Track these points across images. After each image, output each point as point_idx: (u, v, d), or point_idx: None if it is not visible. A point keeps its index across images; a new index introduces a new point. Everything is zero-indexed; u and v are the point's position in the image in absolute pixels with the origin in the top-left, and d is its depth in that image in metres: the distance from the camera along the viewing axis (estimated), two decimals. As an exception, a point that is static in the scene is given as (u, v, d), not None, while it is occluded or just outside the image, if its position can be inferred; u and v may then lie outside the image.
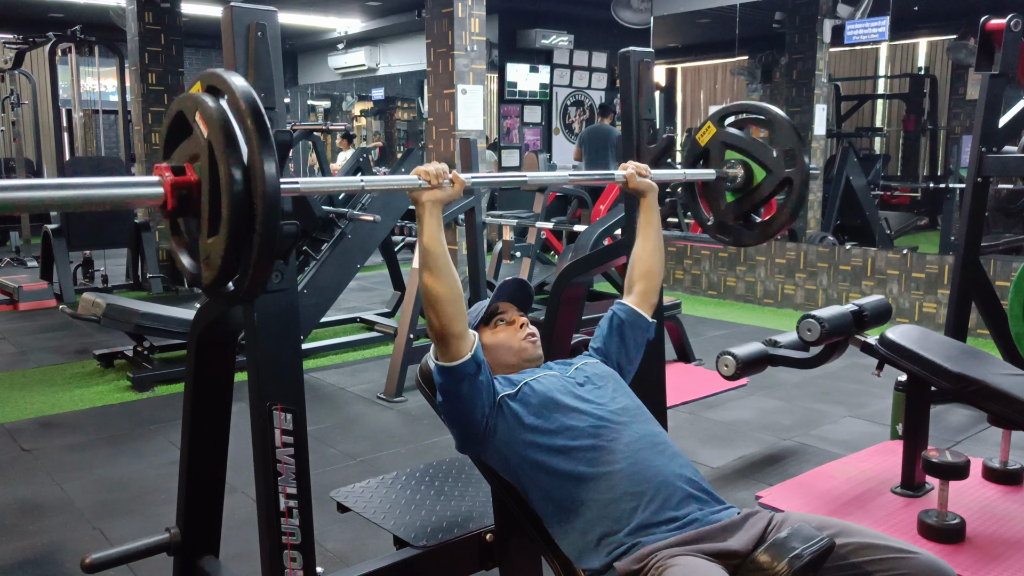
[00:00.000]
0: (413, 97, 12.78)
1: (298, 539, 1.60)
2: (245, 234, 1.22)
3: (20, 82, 9.21)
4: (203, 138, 1.24)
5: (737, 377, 2.89)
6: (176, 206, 1.26)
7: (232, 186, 1.20)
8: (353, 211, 4.92)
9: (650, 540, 1.48)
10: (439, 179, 1.58)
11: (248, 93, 1.26)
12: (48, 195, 1.16)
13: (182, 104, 1.32)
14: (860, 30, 6.97)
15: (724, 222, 2.28)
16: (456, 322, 1.57)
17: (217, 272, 1.24)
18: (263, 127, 1.23)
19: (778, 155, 2.15)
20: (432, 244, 1.56)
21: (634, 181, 1.97)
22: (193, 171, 1.27)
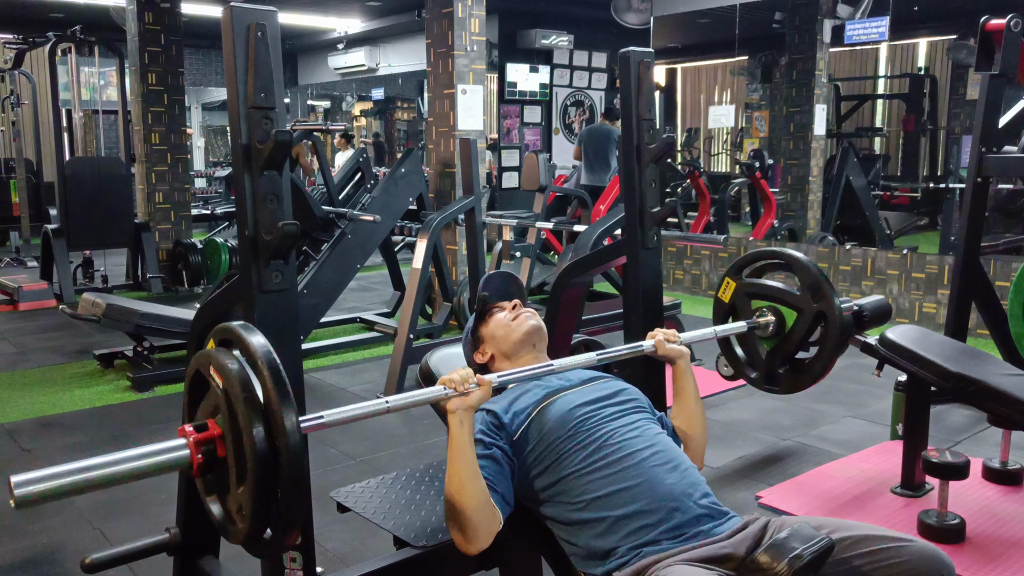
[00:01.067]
0: (413, 97, 12.79)
1: (298, 539, 1.60)
2: (272, 479, 1.20)
3: (20, 82, 9.21)
4: (219, 389, 1.25)
5: (737, 377, 2.88)
6: (203, 462, 1.26)
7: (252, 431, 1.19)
8: (353, 211, 4.92)
9: (651, 551, 1.48)
10: (465, 385, 1.50)
11: (263, 345, 1.26)
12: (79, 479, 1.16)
13: (197, 363, 1.33)
14: (860, 30, 6.97)
15: (769, 373, 2.25)
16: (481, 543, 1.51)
17: (250, 523, 1.22)
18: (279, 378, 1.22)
19: (803, 293, 2.14)
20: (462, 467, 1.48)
21: (663, 348, 1.88)
22: (215, 425, 1.27)
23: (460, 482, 1.48)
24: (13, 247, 8.74)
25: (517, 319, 1.83)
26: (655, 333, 1.90)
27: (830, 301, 2.09)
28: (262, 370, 1.23)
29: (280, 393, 1.21)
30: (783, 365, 2.22)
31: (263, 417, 1.21)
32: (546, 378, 1.75)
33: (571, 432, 1.62)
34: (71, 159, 7.37)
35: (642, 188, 2.28)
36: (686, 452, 1.84)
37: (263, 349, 1.25)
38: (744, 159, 9.25)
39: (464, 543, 1.51)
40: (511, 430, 1.64)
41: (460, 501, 1.48)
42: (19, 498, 1.10)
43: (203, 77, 13.88)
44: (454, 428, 1.50)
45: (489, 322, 1.85)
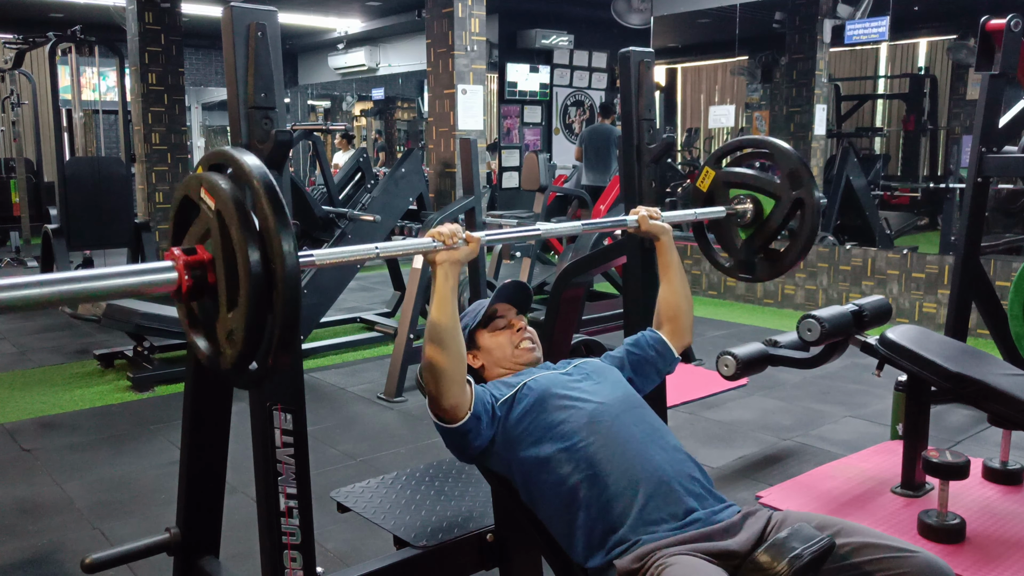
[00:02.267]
0: (413, 97, 12.79)
1: (298, 539, 1.60)
2: (265, 305, 1.17)
3: (20, 82, 9.21)
4: (211, 211, 1.20)
5: (737, 377, 2.89)
6: (192, 286, 1.21)
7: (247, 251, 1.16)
8: (353, 211, 4.92)
9: (650, 538, 1.48)
10: (453, 239, 1.55)
11: (258, 166, 1.21)
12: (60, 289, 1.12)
13: (186, 186, 1.28)
14: (860, 30, 6.97)
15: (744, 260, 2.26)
16: (453, 394, 1.55)
17: (241, 347, 1.19)
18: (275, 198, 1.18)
19: (782, 180, 2.14)
20: (441, 316, 1.53)
21: (646, 224, 1.94)
22: (205, 250, 1.23)
23: (440, 333, 1.53)
24: (13, 247, 8.75)
25: (520, 347, 1.82)
26: (638, 209, 1.97)
27: (808, 188, 2.09)
28: (258, 191, 1.17)
29: (277, 214, 1.16)
30: (759, 253, 2.23)
31: (258, 239, 1.17)
32: (528, 368, 1.80)
33: (557, 407, 1.64)
34: (71, 159, 7.38)
35: (642, 188, 2.28)
36: (676, 329, 1.92)
37: (259, 170, 1.20)
38: (744, 159, 9.23)
39: (436, 393, 1.55)
40: (496, 396, 1.68)
41: (439, 351, 1.53)
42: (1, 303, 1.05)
43: (203, 77, 13.88)
44: (439, 280, 1.55)
45: (493, 335, 1.84)
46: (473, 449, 1.64)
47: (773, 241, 2.20)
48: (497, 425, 1.65)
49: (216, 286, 1.22)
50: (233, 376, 1.27)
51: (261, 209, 1.17)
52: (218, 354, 1.25)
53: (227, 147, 1.28)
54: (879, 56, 10.96)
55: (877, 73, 11.09)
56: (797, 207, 2.13)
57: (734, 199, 2.22)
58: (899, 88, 10.88)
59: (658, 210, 1.98)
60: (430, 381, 1.55)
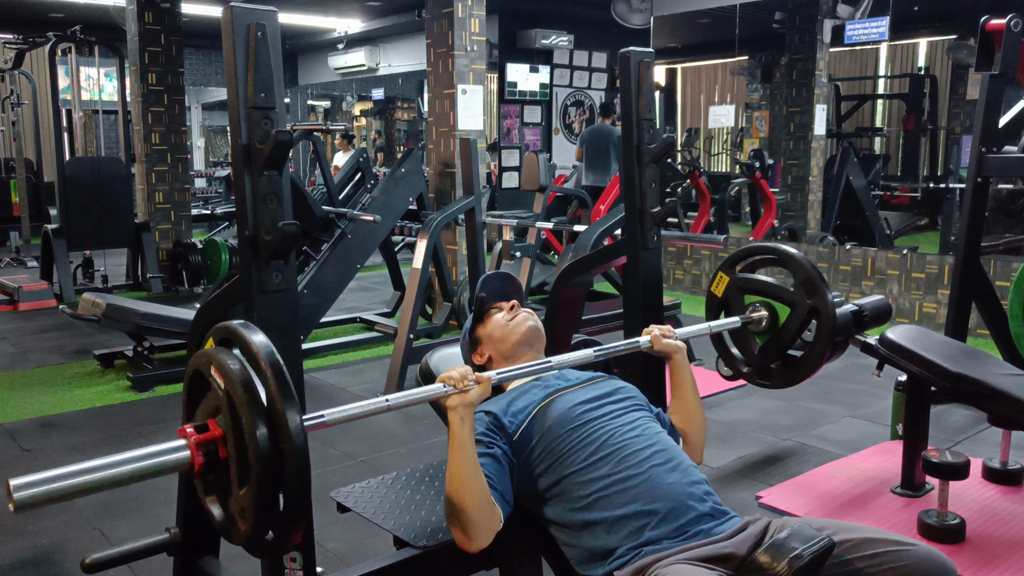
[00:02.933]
0: (413, 97, 12.79)
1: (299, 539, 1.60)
2: (275, 480, 1.19)
3: (20, 82, 9.21)
4: (220, 390, 1.23)
5: (737, 377, 2.88)
6: (204, 464, 1.24)
7: (256, 433, 1.18)
8: (353, 211, 4.92)
9: (652, 551, 1.48)
10: (464, 382, 1.49)
11: (265, 344, 1.24)
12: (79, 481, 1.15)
13: (197, 362, 1.30)
14: (860, 30, 6.97)
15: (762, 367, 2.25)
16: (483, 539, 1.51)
17: (252, 524, 1.21)
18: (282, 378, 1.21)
19: (796, 288, 2.13)
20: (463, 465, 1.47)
21: (659, 343, 1.88)
22: (216, 425, 1.25)
23: (461, 480, 1.48)
24: (13, 247, 8.74)
25: (515, 320, 1.83)
26: (651, 329, 1.91)
27: (823, 297, 2.09)
28: (264, 370, 1.21)
29: (283, 394, 1.20)
30: (776, 360, 2.22)
31: (266, 418, 1.19)
32: (544, 379, 1.76)
33: (571, 430, 1.62)
34: (71, 159, 7.38)
35: (642, 188, 2.28)
36: (685, 447, 1.86)
37: (265, 349, 1.23)
38: (744, 159, 9.25)
39: (465, 541, 1.51)
40: (510, 430, 1.64)
41: (461, 499, 1.48)
42: (18, 501, 1.09)
43: (203, 77, 13.88)
44: (455, 425, 1.49)
45: (487, 323, 1.85)
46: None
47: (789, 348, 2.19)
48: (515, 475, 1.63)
49: (228, 461, 1.24)
50: (249, 548, 1.29)
51: (268, 388, 1.20)
52: (233, 526, 1.27)
53: (235, 323, 1.31)
54: (879, 56, 10.95)
55: (877, 73, 11.09)
56: (812, 315, 2.12)
57: (749, 306, 2.22)
58: (899, 88, 10.87)
59: (671, 328, 1.92)
60: (460, 535, 1.50)
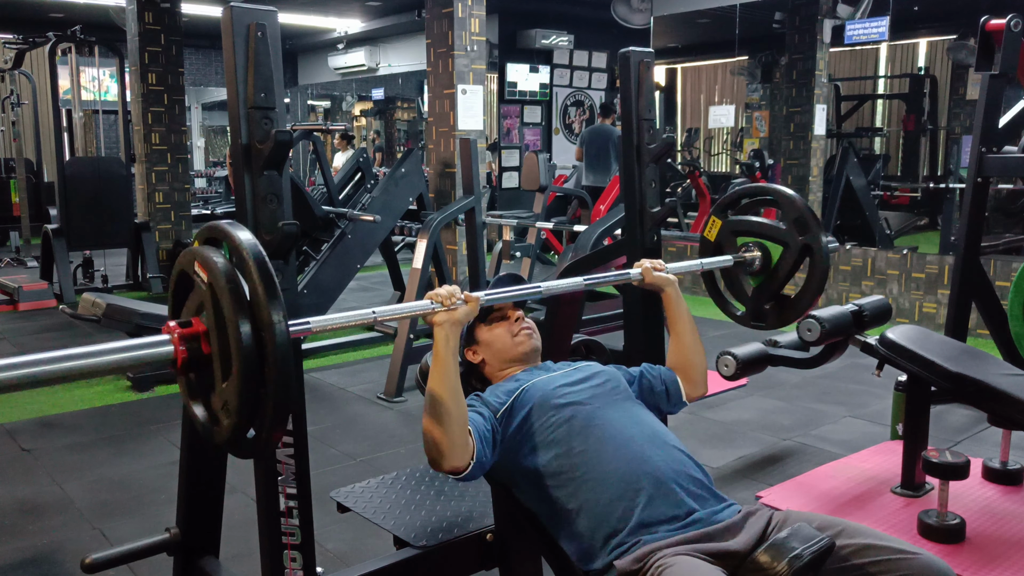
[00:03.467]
0: (413, 97, 12.79)
1: (298, 539, 1.61)
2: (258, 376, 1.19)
3: (20, 82, 9.21)
4: (203, 284, 1.22)
5: (737, 377, 2.89)
6: (187, 358, 1.23)
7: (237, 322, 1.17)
8: (353, 211, 4.92)
9: (651, 539, 1.48)
10: (452, 300, 1.51)
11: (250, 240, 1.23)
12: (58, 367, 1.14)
13: (182, 261, 1.30)
14: (860, 30, 6.97)
15: (756, 309, 2.25)
16: (455, 458, 1.51)
17: (236, 418, 1.20)
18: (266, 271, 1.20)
19: (789, 227, 2.13)
20: (444, 382, 1.49)
21: (650, 276, 1.90)
22: (200, 322, 1.25)
23: (440, 396, 1.49)
24: (13, 247, 8.75)
25: (518, 336, 1.83)
26: (642, 262, 1.93)
27: (816, 233, 2.09)
28: (249, 265, 1.20)
29: (266, 287, 1.19)
30: (769, 301, 2.22)
31: (249, 311, 1.19)
32: (528, 370, 1.80)
33: (554, 410, 1.64)
34: (71, 159, 7.38)
35: (642, 188, 2.28)
36: (685, 384, 1.89)
37: (250, 244, 1.22)
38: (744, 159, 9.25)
39: (438, 458, 1.51)
40: (495, 406, 1.67)
41: (439, 415, 1.49)
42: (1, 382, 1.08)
43: (203, 77, 13.88)
44: (439, 342, 1.51)
45: (491, 328, 1.84)
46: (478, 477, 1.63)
47: (783, 288, 2.19)
48: (498, 444, 1.64)
49: (211, 357, 1.24)
50: (231, 446, 1.28)
51: (252, 282, 1.19)
52: (215, 424, 1.26)
53: (221, 222, 1.30)
54: (879, 56, 10.95)
55: (877, 73, 11.09)
56: (805, 253, 2.12)
57: (742, 247, 2.21)
58: (899, 88, 10.87)
59: (662, 262, 1.94)
60: (431, 447, 1.51)
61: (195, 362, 1.25)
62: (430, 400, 1.50)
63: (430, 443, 1.51)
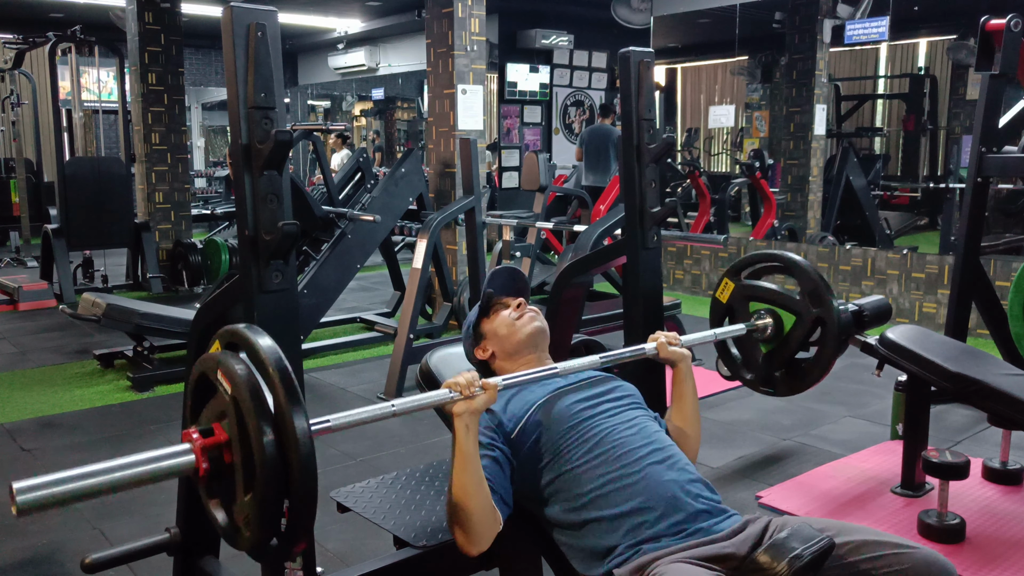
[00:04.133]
0: (413, 97, 12.79)
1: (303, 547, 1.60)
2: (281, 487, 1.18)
3: (20, 82, 9.21)
4: (227, 395, 1.22)
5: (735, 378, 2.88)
6: (209, 469, 1.23)
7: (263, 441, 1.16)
8: (353, 211, 4.92)
9: (652, 548, 1.48)
10: (471, 389, 1.49)
11: (272, 349, 1.23)
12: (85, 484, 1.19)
13: (203, 366, 1.29)
14: (860, 30, 6.97)
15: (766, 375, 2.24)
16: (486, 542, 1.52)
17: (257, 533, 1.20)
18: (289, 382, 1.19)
19: (802, 297, 2.13)
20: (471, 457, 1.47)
21: (665, 351, 1.88)
22: (222, 430, 1.24)
23: (464, 487, 1.48)
24: (13, 247, 8.75)
25: (522, 319, 1.82)
26: (657, 336, 1.90)
27: (829, 307, 2.08)
28: (272, 376, 1.20)
29: (291, 400, 1.18)
30: (780, 368, 2.22)
31: (273, 425, 1.18)
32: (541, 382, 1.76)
33: (569, 428, 1.63)
34: (71, 159, 7.38)
35: (642, 188, 2.28)
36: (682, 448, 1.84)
37: (273, 354, 1.22)
38: (744, 159, 9.25)
39: (467, 544, 1.51)
40: (508, 428, 1.65)
41: (465, 505, 1.48)
42: (21, 505, 1.09)
43: (203, 77, 13.88)
44: (460, 433, 1.48)
45: (493, 319, 1.84)
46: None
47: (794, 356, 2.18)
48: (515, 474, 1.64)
49: (233, 467, 1.23)
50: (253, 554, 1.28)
51: (276, 396, 1.19)
52: (236, 533, 1.26)
53: (242, 327, 1.29)
54: (879, 56, 10.95)
55: (877, 73, 11.09)
56: (817, 324, 2.11)
57: (754, 314, 2.21)
58: (899, 88, 10.87)
59: (676, 335, 1.91)
60: (461, 540, 1.51)
61: (217, 472, 1.24)
62: (456, 491, 1.48)
63: (460, 536, 1.51)
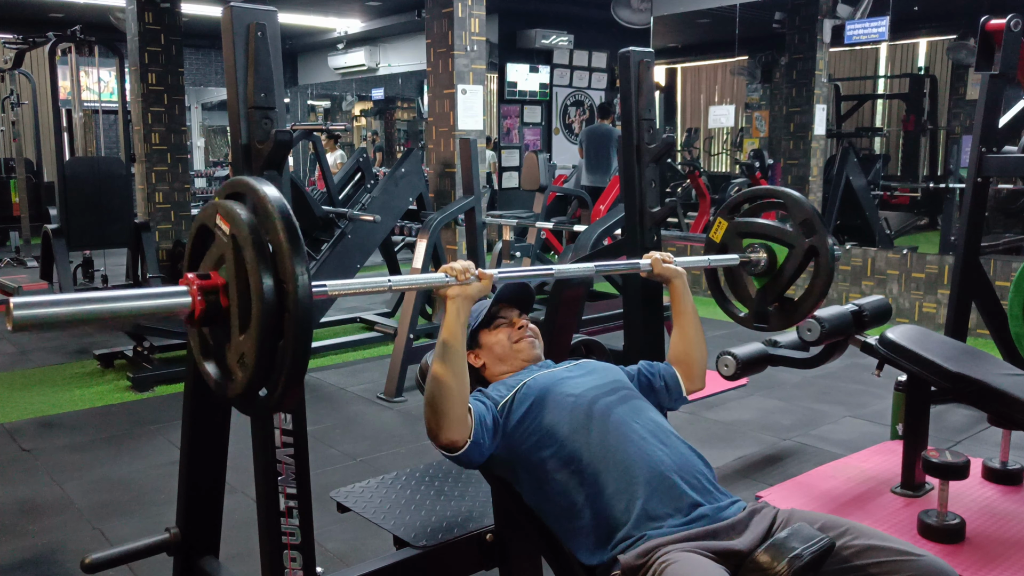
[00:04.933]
0: (413, 97, 12.79)
1: (298, 539, 1.60)
2: (276, 330, 1.17)
3: (20, 82, 9.20)
4: (226, 236, 1.21)
5: (737, 377, 2.89)
6: (204, 310, 1.22)
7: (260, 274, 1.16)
8: (353, 211, 4.92)
9: (656, 533, 1.48)
10: (466, 275, 1.55)
11: (276, 195, 1.22)
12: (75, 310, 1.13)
13: (203, 215, 1.29)
14: (860, 30, 6.97)
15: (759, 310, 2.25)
16: (452, 432, 1.54)
17: (252, 371, 1.19)
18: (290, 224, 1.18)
19: (795, 229, 2.14)
20: (456, 340, 1.54)
21: (659, 268, 1.93)
22: (219, 275, 1.24)
23: (445, 369, 1.53)
24: (13, 247, 8.75)
25: (520, 343, 1.83)
26: (652, 254, 1.96)
27: (821, 236, 2.10)
28: (273, 217, 1.19)
29: (291, 242, 1.17)
30: (773, 303, 2.23)
31: (272, 266, 1.18)
32: (529, 368, 1.81)
33: (558, 404, 1.64)
34: (71, 159, 7.37)
35: (642, 188, 2.28)
36: (687, 375, 1.91)
37: (276, 199, 1.21)
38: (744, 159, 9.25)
39: (436, 428, 1.54)
40: (496, 399, 1.68)
41: (442, 387, 1.52)
42: (17, 320, 1.06)
43: (203, 77, 13.88)
44: (450, 315, 1.55)
45: (494, 333, 1.84)
46: (476, 464, 1.64)
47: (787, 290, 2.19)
48: (499, 433, 1.65)
49: (229, 310, 1.22)
50: (242, 402, 1.27)
51: (275, 235, 1.18)
52: (228, 379, 1.25)
53: (245, 176, 1.29)
54: (879, 56, 10.95)
55: (877, 73, 11.09)
56: (811, 255, 2.12)
57: (747, 248, 2.22)
58: (899, 88, 10.87)
59: (671, 255, 1.96)
60: (430, 418, 1.54)
61: (212, 315, 1.23)
62: (434, 371, 1.53)
63: (429, 414, 1.54)
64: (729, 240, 2.27)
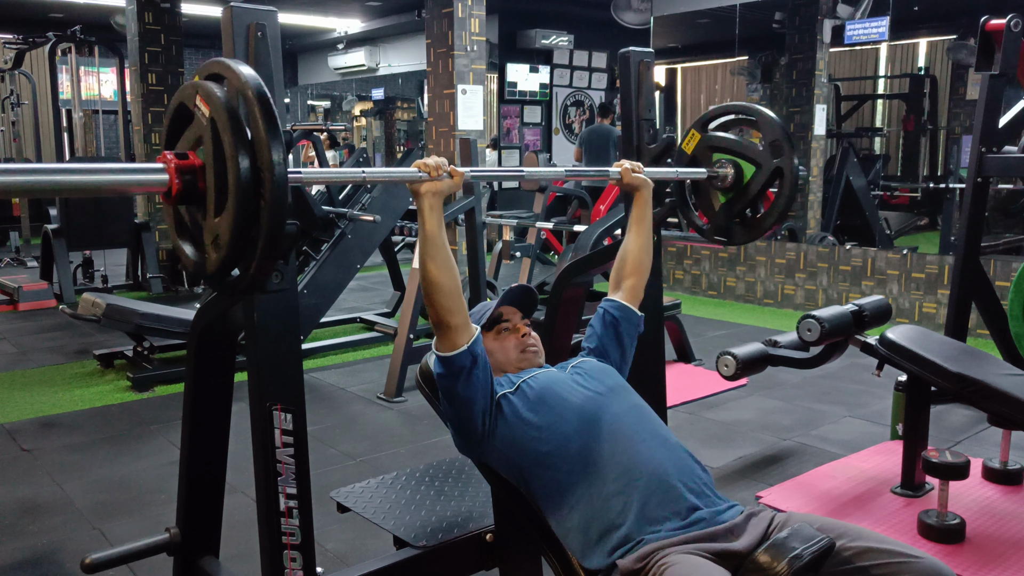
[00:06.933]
0: (413, 97, 12.79)
1: (298, 539, 1.61)
2: (252, 214, 1.19)
3: (20, 82, 9.21)
4: (205, 118, 1.22)
5: (737, 377, 2.89)
6: (181, 190, 1.23)
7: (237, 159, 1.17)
8: (353, 211, 4.92)
9: (654, 537, 1.47)
10: (438, 171, 1.58)
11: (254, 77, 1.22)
12: (50, 179, 1.14)
13: (182, 94, 1.30)
14: (860, 30, 6.97)
15: (720, 224, 2.29)
16: (454, 314, 1.58)
17: (225, 252, 1.20)
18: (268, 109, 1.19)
19: (765, 148, 2.17)
20: (434, 234, 1.58)
21: (628, 176, 2.01)
22: (197, 156, 1.25)
23: (430, 261, 1.56)
24: (13, 247, 8.75)
25: (524, 352, 1.82)
26: (621, 163, 2.03)
27: (789, 158, 2.13)
28: (252, 101, 1.19)
29: (269, 126, 1.18)
30: (736, 218, 2.26)
31: (249, 148, 1.18)
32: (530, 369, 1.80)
33: (562, 401, 1.64)
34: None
35: (642, 188, 2.28)
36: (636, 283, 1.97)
37: (254, 81, 1.21)
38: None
39: (440, 312, 1.58)
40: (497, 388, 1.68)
41: (432, 280, 1.56)
42: None
43: (203, 77, 13.87)
44: (424, 212, 1.58)
45: (496, 337, 1.83)
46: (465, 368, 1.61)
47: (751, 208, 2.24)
48: (496, 412, 1.64)
49: (205, 192, 1.23)
50: (215, 281, 1.28)
51: (254, 119, 1.18)
52: (203, 258, 1.26)
53: (223, 58, 1.29)
54: (879, 56, 10.95)
55: (877, 73, 11.09)
56: (776, 176, 2.16)
57: (716, 163, 2.25)
58: (899, 88, 10.87)
59: (640, 164, 2.05)
60: (433, 314, 1.58)
61: (188, 194, 1.24)
62: (426, 244, 1.57)
63: (432, 312, 1.58)
64: (700, 152, 2.31)
